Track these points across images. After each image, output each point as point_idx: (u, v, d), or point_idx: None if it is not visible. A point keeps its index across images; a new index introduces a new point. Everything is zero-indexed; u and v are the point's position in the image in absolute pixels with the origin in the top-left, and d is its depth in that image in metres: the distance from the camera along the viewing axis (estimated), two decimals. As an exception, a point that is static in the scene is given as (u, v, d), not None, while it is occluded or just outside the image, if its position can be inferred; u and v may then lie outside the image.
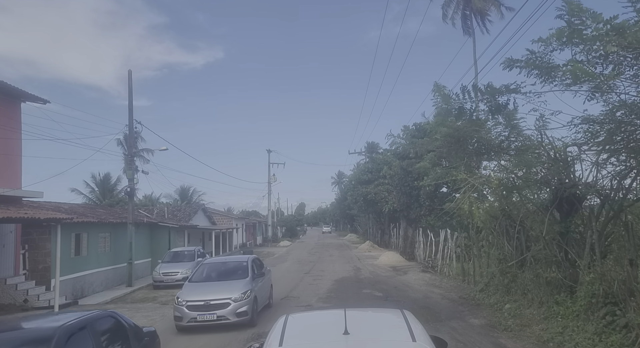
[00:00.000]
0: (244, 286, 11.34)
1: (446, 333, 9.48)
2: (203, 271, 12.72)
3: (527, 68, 7.43)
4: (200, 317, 10.63)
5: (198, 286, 11.69)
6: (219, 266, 13.09)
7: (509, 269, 12.45)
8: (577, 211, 10.35)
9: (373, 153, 46.25)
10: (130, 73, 21.35)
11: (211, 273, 12.62)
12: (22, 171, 16.91)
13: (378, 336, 3.48)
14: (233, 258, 14.82)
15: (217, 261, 13.92)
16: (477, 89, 8.64)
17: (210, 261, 14.00)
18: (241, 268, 12.43)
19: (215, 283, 11.84)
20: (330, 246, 48.71)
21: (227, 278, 12.09)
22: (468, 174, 13.50)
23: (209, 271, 12.70)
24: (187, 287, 11.72)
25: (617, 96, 7.23)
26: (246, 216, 62.51)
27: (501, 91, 8.18)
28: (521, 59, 7.44)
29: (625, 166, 8.91)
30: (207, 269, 12.85)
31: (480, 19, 32.92)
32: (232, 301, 10.77)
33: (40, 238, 16.49)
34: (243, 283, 11.51)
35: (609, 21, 6.05)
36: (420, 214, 26.55)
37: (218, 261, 14.01)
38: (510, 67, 7.62)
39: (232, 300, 10.77)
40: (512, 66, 7.58)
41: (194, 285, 11.82)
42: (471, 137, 9.82)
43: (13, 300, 14.91)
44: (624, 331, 7.41)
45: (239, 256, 16.83)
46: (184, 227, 28.86)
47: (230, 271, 12.46)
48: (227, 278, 12.09)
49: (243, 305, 10.85)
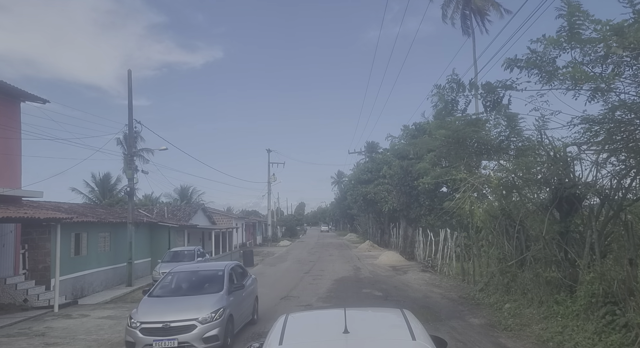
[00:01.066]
0: (216, 302, 9.13)
1: (446, 333, 9.49)
2: (168, 282, 10.42)
3: (527, 68, 7.43)
4: (157, 344, 8.40)
5: (159, 303, 9.43)
6: (189, 276, 10.72)
7: (508, 268, 12.46)
8: (577, 210, 10.35)
9: (373, 153, 46.25)
10: (129, 73, 21.35)
11: (178, 285, 10.36)
12: (21, 170, 16.91)
13: (378, 335, 3.49)
14: (207, 266, 12.25)
15: (187, 270, 11.21)
16: (473, 84, 8.65)
17: (179, 270, 11.15)
18: (215, 279, 10.19)
19: (180, 299, 9.59)
20: (330, 246, 48.71)
21: (196, 291, 9.95)
22: (468, 173, 13.51)
23: (176, 283, 10.43)
24: (146, 304, 9.33)
25: (617, 95, 7.24)
26: (246, 216, 62.48)
27: (497, 87, 8.20)
28: (522, 59, 7.45)
29: (625, 166, 8.92)
30: (174, 279, 10.50)
31: (480, 18, 32.90)
32: (199, 322, 8.61)
33: (40, 238, 16.49)
34: (215, 298, 9.29)
35: (607, 22, 6.06)
36: (420, 213, 26.57)
37: (188, 269, 11.33)
38: (511, 68, 7.63)
39: (199, 322, 8.62)
40: (512, 66, 7.59)
41: (154, 301, 9.49)
42: (470, 137, 9.82)
43: (13, 300, 14.91)
44: (623, 330, 7.42)
45: (214, 263, 13.60)
46: (183, 227, 28.86)
47: (202, 283, 10.30)
48: (196, 291, 9.95)
49: (213, 328, 8.68)
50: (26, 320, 13.28)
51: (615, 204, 9.30)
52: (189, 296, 9.73)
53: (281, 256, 36.33)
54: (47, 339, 10.87)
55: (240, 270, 11.87)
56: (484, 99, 8.71)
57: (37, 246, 16.50)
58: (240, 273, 11.55)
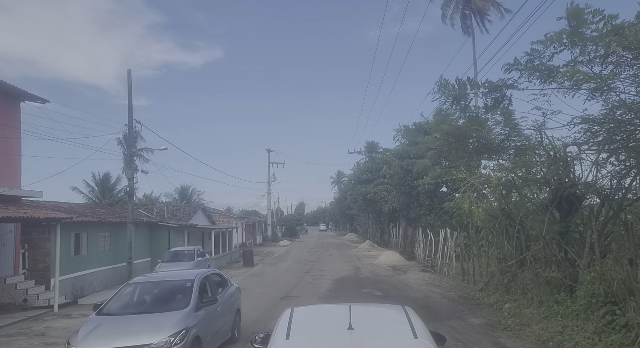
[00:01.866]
0: (178, 322, 7.39)
1: (446, 333, 9.45)
2: (126, 295, 8.60)
3: (526, 71, 7.44)
4: None
5: (107, 323, 7.58)
6: (151, 288, 8.85)
7: (508, 268, 12.47)
8: (577, 210, 10.36)
9: (373, 153, 46.28)
10: (129, 72, 21.33)
11: (138, 299, 8.55)
12: (21, 170, 16.90)
13: (381, 332, 3.58)
14: (174, 276, 9.79)
15: (150, 280, 9.32)
16: (474, 82, 8.65)
17: (141, 280, 9.28)
18: (183, 292, 8.37)
19: (136, 318, 7.75)
20: (330, 246, 48.73)
21: (157, 307, 8.12)
22: (468, 173, 13.51)
23: (136, 296, 8.61)
24: (90, 324, 7.51)
25: (617, 95, 7.24)
26: (246, 216, 62.47)
27: (498, 86, 8.21)
28: (520, 62, 7.45)
29: (625, 166, 8.92)
30: (134, 292, 8.69)
31: (480, 18, 32.92)
32: None
33: (40, 238, 16.49)
34: (178, 317, 7.51)
35: (609, 20, 6.06)
36: (420, 213, 26.57)
37: (152, 279, 9.42)
38: (509, 71, 7.64)
39: None
40: (511, 69, 7.60)
41: (102, 321, 7.63)
42: (471, 136, 9.83)
43: (12, 300, 14.91)
44: (623, 330, 7.42)
45: (184, 272, 11.04)
46: (183, 226, 28.85)
47: (166, 297, 8.49)
48: (157, 307, 8.12)
49: None
50: (26, 319, 13.27)
51: (615, 204, 9.31)
52: (148, 314, 7.87)
53: (281, 256, 36.33)
54: (46, 339, 10.87)
55: (218, 278, 10.23)
56: (485, 98, 8.71)
57: (36, 246, 16.50)
58: (217, 282, 9.85)
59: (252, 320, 11.97)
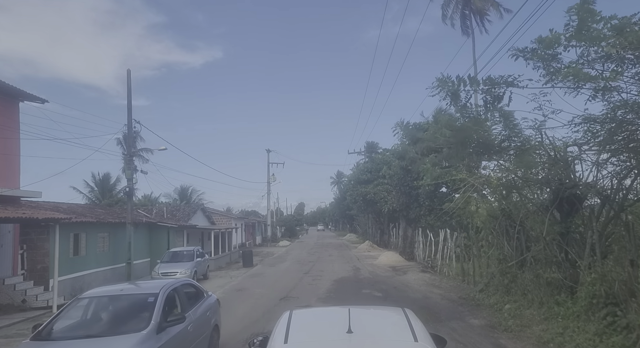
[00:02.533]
0: None
1: (446, 334, 9.42)
2: (74, 313, 6.99)
3: (532, 60, 7.39)
4: None
5: None
6: (106, 304, 7.26)
7: (508, 269, 12.42)
8: (578, 211, 10.32)
9: (372, 153, 46.22)
10: (129, 72, 21.28)
11: (88, 318, 6.99)
12: (20, 170, 16.86)
13: (381, 335, 3.53)
14: (135, 289, 7.84)
15: (106, 294, 7.49)
16: (474, 79, 8.62)
17: (95, 294, 7.44)
18: (143, 309, 6.74)
19: (79, 345, 6.10)
20: (330, 246, 48.68)
21: (109, 330, 6.51)
22: (468, 174, 13.47)
23: (87, 314, 7.05)
24: None
25: (619, 94, 7.20)
26: (245, 216, 62.43)
27: (498, 83, 8.18)
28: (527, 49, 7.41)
29: (626, 166, 8.89)
30: (85, 309, 7.11)
31: (480, 19, 32.90)
32: None
33: (39, 238, 16.44)
34: (132, 342, 5.89)
35: (610, 19, 6.02)
36: (420, 214, 26.51)
37: (108, 293, 7.54)
38: (516, 57, 7.59)
39: None
40: (518, 56, 7.55)
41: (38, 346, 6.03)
42: (471, 137, 9.78)
43: (11, 300, 14.86)
44: (625, 332, 7.38)
45: (149, 284, 8.48)
46: (183, 227, 28.79)
47: (122, 315, 6.90)
48: (109, 330, 6.51)
49: None
50: (24, 320, 13.22)
51: (616, 205, 9.27)
52: (96, 338, 6.23)
53: (280, 257, 36.28)
54: (45, 340, 10.81)
55: (193, 289, 8.64)
56: (484, 95, 8.68)
57: (35, 247, 16.45)
58: (190, 294, 8.27)
59: (252, 321, 11.94)
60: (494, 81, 8.17)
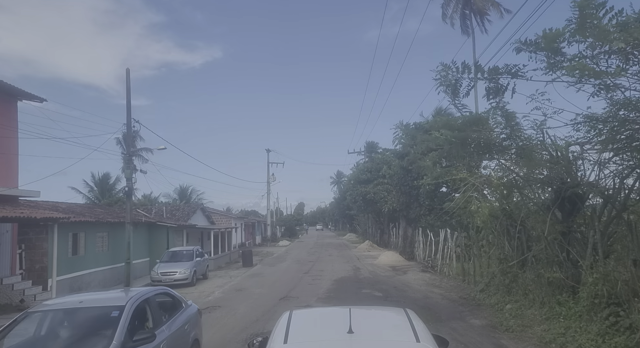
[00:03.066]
0: None
1: (447, 334, 9.34)
2: (22, 330, 5.82)
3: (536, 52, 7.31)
4: None
5: None
6: (61, 320, 6.04)
7: (509, 269, 12.36)
8: (579, 210, 10.26)
9: (372, 153, 46.16)
10: (128, 72, 21.20)
11: (38, 337, 5.82)
12: (18, 170, 16.80)
13: (382, 336, 3.48)
14: (98, 301, 6.53)
15: (61, 308, 6.17)
16: (478, 66, 8.57)
17: (47, 308, 6.16)
18: (105, 325, 5.55)
19: None
20: (330, 246, 48.64)
21: None
22: (468, 173, 13.41)
23: (39, 331, 5.89)
24: None
25: (622, 93, 7.13)
26: (245, 216, 62.37)
27: (502, 72, 8.12)
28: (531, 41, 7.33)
29: (629, 166, 8.82)
30: (37, 325, 5.94)
31: (480, 18, 32.84)
32: None
33: (37, 238, 16.37)
34: None
35: (615, 15, 5.96)
36: (420, 213, 26.47)
37: (63, 306, 6.20)
38: (518, 51, 7.52)
39: None
40: (522, 50, 7.48)
41: None
42: (473, 138, 9.71)
43: (9, 300, 14.79)
44: (627, 332, 7.32)
45: (114, 295, 7.11)
46: (182, 227, 28.72)
47: (79, 333, 5.72)
48: None
49: None
50: (22, 320, 13.14)
51: (619, 205, 9.21)
52: None
53: (280, 257, 36.23)
54: (43, 340, 10.73)
55: (169, 298, 7.46)
56: (487, 83, 8.63)
57: (34, 246, 16.38)
58: (166, 305, 7.25)
59: (251, 321, 11.89)
60: (498, 70, 8.11)
